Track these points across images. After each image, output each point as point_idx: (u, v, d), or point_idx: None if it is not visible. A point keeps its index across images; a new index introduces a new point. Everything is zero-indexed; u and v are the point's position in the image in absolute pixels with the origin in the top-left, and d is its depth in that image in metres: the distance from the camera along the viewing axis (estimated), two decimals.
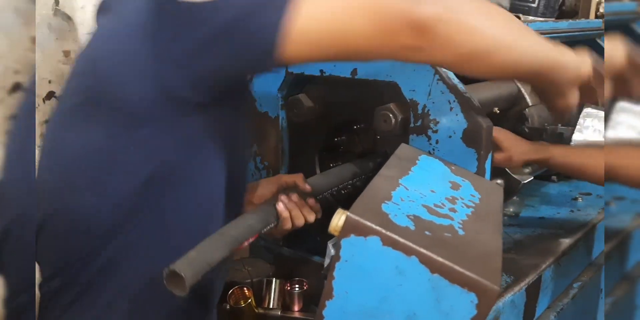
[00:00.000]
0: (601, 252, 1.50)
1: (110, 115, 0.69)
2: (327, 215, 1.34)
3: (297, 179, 1.06)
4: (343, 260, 0.63)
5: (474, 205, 0.74)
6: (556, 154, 1.24)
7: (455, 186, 0.79)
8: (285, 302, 1.28)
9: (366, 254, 0.62)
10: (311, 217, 0.98)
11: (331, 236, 1.22)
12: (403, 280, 0.61)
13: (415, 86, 1.09)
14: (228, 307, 1.20)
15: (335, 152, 1.37)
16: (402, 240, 0.60)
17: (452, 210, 0.71)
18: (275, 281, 1.27)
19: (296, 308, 1.27)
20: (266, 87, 1.35)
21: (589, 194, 1.67)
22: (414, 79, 1.08)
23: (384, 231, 0.61)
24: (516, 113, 1.50)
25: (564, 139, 1.54)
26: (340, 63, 1.19)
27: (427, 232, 0.63)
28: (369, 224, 0.61)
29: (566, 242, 1.40)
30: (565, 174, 1.33)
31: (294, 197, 0.94)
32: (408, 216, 0.65)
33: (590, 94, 0.87)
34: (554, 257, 1.31)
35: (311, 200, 1.02)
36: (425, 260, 0.60)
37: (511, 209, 1.54)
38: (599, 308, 1.50)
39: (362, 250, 0.62)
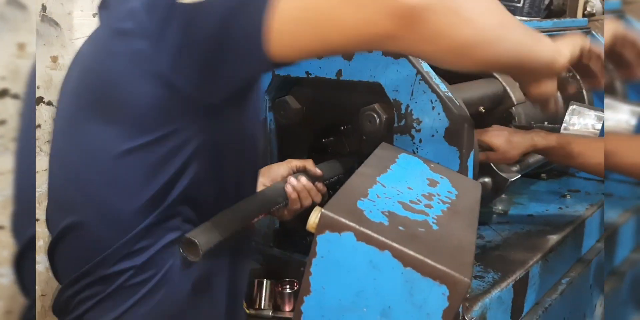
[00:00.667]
0: (590, 247, 1.51)
1: (118, 118, 0.70)
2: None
3: (308, 163, 1.10)
4: (319, 256, 0.64)
5: (450, 201, 0.76)
6: (553, 141, 1.20)
7: (432, 183, 0.80)
8: (276, 303, 1.30)
9: (341, 249, 0.63)
10: (318, 198, 1.01)
11: None
12: (377, 275, 0.63)
13: (398, 86, 1.10)
14: None
15: (323, 154, 1.38)
16: (375, 235, 0.62)
17: (428, 206, 0.72)
18: (266, 282, 1.28)
19: (287, 308, 1.29)
20: None
21: (578, 191, 1.68)
22: (397, 79, 1.09)
23: (357, 227, 0.62)
24: (502, 111, 1.52)
25: None
26: (325, 64, 1.20)
27: (400, 228, 0.65)
28: (342, 220, 0.62)
29: (554, 238, 1.41)
30: (562, 163, 1.29)
31: (303, 179, 0.97)
32: (383, 212, 0.67)
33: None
34: (541, 253, 1.32)
35: (319, 184, 1.05)
36: (397, 255, 0.61)
37: (500, 207, 1.55)
38: (587, 304, 1.51)
39: (337, 246, 0.63)
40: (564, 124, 1.44)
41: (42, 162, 0.88)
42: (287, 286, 1.29)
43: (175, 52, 0.64)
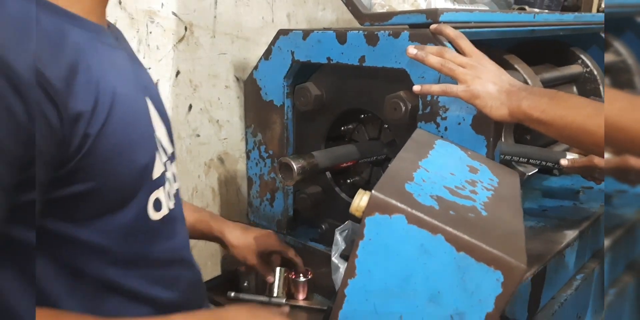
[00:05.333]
0: (604, 244, 1.50)
1: None
2: (330, 204, 1.34)
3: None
4: (367, 239, 0.62)
5: (493, 188, 0.74)
6: (540, 107, 0.88)
7: (473, 170, 0.78)
8: (289, 291, 1.28)
9: (391, 232, 0.61)
10: None
11: (337, 225, 1.22)
12: (428, 259, 0.61)
13: (424, 73, 1.08)
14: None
15: (340, 142, 1.37)
16: (427, 218, 0.60)
17: (473, 192, 0.70)
18: (280, 270, 1.27)
19: (301, 297, 1.28)
20: (272, 75, 1.34)
21: (591, 188, 1.68)
22: (423, 65, 1.07)
23: (409, 209, 0.60)
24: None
25: None
26: (348, 50, 1.18)
27: (451, 212, 0.63)
28: (394, 202, 0.60)
29: (570, 233, 1.41)
30: (548, 134, 0.93)
31: None
32: (431, 196, 0.65)
33: None
34: (558, 248, 1.32)
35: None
36: (451, 239, 0.59)
37: None
38: (600, 301, 1.50)
39: (387, 228, 0.61)
40: None
41: None
42: (301, 274, 1.27)
43: None
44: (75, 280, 0.66)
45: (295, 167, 1.13)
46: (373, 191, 0.61)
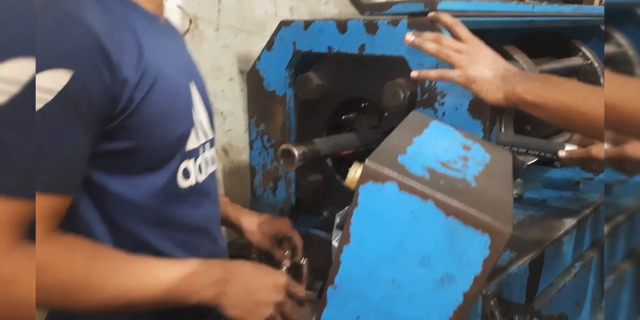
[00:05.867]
0: (604, 233, 1.52)
1: None
2: (332, 192, 1.37)
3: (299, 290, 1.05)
4: (360, 207, 0.65)
5: (484, 164, 0.77)
6: (534, 90, 0.89)
7: (466, 148, 0.81)
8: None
9: (383, 200, 0.64)
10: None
11: (337, 210, 1.25)
12: (418, 225, 0.63)
13: (422, 60, 1.11)
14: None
15: (341, 131, 1.39)
16: (418, 185, 0.62)
17: (465, 166, 0.73)
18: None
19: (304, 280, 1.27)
20: (274, 65, 1.37)
21: (592, 179, 1.69)
22: (422, 53, 1.10)
23: (400, 177, 0.63)
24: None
25: None
26: (348, 39, 1.21)
27: (442, 182, 0.66)
28: (386, 170, 0.63)
29: (569, 221, 1.43)
30: (542, 117, 0.92)
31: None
32: (423, 168, 0.67)
33: None
34: (557, 235, 1.33)
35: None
36: (440, 205, 0.62)
37: (514, 191, 1.56)
38: (599, 289, 1.52)
39: (379, 196, 0.64)
40: None
41: None
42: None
43: None
44: (114, 231, 0.76)
45: (296, 153, 1.16)
46: (367, 161, 0.64)
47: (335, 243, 1.23)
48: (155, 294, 0.72)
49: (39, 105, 0.60)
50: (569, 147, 1.33)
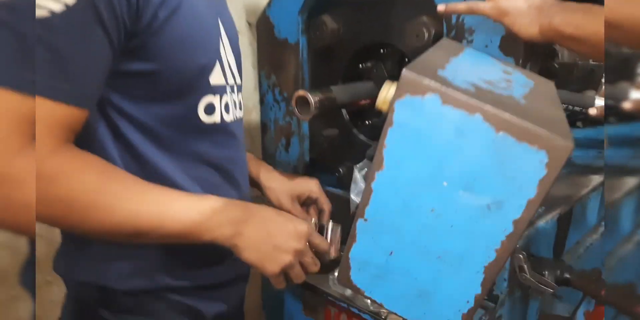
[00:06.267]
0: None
1: None
2: (348, 147, 1.29)
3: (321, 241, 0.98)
4: (396, 126, 0.57)
5: (529, 87, 0.69)
6: (573, 22, 0.80)
7: (507, 72, 0.73)
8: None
9: (423, 115, 0.56)
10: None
11: (354, 164, 1.17)
12: (463, 143, 0.56)
13: None
14: None
15: (359, 81, 1.31)
16: (464, 97, 0.55)
17: (509, 87, 0.65)
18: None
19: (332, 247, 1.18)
20: (285, 10, 1.29)
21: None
22: None
23: (444, 88, 0.55)
24: (545, 48, 1.44)
25: (596, 76, 1.48)
26: None
27: (489, 95, 0.58)
28: (427, 81, 0.55)
29: (597, 178, 1.36)
30: (580, 52, 0.86)
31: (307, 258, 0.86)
32: (466, 82, 0.59)
33: None
34: (584, 191, 1.27)
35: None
36: (490, 118, 0.54)
37: None
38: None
39: (418, 111, 0.56)
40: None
41: None
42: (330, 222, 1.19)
43: None
44: (130, 158, 0.72)
45: (312, 100, 1.08)
46: (404, 70, 0.56)
47: (353, 197, 1.16)
48: (167, 225, 0.66)
49: (60, 7, 0.56)
50: (599, 101, 1.25)
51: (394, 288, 0.64)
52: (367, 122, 1.32)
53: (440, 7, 0.95)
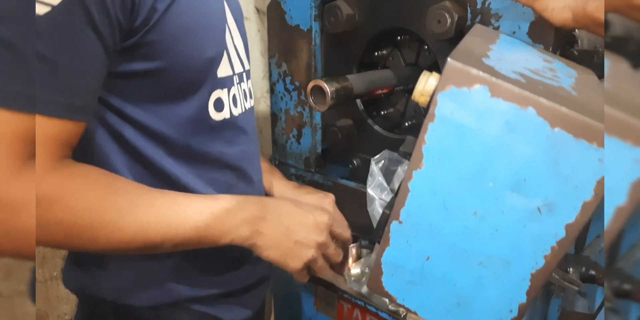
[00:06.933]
0: None
1: None
2: (363, 138, 1.24)
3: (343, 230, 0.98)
4: (438, 120, 0.52)
5: (574, 77, 0.64)
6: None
7: (547, 61, 0.68)
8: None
9: (469, 109, 0.51)
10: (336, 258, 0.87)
11: (369, 156, 1.12)
12: (514, 139, 0.51)
13: None
14: None
15: (374, 69, 1.26)
16: (516, 88, 0.49)
17: (555, 76, 0.60)
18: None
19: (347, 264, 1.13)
20: None
21: None
22: None
23: (493, 79, 0.50)
24: (565, 34, 1.38)
25: None
26: None
27: (540, 87, 0.53)
28: (474, 71, 0.50)
29: None
30: None
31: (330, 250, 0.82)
32: (514, 72, 0.54)
33: None
34: None
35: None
36: (545, 112, 0.49)
37: None
38: None
39: (465, 105, 0.51)
40: None
41: None
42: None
43: None
44: (137, 165, 0.67)
45: (328, 90, 1.03)
46: (449, 59, 0.51)
47: (370, 191, 1.11)
48: (181, 232, 0.61)
49: (43, 10, 0.49)
50: None
51: (430, 295, 0.60)
52: (382, 112, 1.27)
53: None
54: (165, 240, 0.61)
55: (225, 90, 0.73)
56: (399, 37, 1.20)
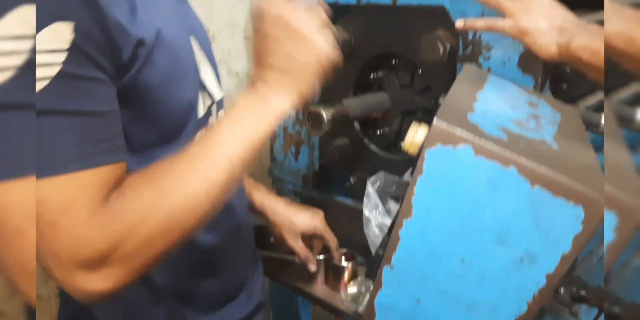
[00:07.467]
0: None
1: None
2: (359, 156, 1.27)
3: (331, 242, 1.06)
4: (426, 174, 0.55)
5: (557, 123, 0.67)
6: (592, 48, 0.77)
7: (532, 104, 0.71)
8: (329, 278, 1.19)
9: (454, 166, 0.54)
10: None
11: (366, 177, 1.15)
12: (497, 195, 0.54)
13: (465, 9, 1.00)
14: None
15: (369, 90, 1.29)
16: (498, 149, 0.53)
17: (538, 126, 0.63)
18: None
19: (342, 283, 1.15)
20: None
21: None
22: (464, 1, 0.99)
23: (476, 139, 0.53)
24: (554, 64, 1.41)
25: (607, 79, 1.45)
26: None
27: (521, 144, 0.56)
28: (459, 131, 0.53)
29: None
30: (596, 78, 0.82)
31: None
32: (498, 127, 0.58)
33: None
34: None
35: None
36: (525, 171, 0.52)
37: None
38: None
39: (450, 162, 0.54)
40: None
41: None
42: (343, 257, 1.17)
43: None
44: None
45: (325, 117, 1.05)
46: (435, 120, 0.54)
47: (366, 212, 1.14)
48: (234, 155, 0.59)
49: (53, 71, 0.49)
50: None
51: None
52: (377, 131, 1.30)
53: (459, 23, 0.92)
54: (234, 169, 0.59)
55: (204, 129, 0.74)
56: (393, 61, 1.22)
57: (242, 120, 0.61)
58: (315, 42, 0.64)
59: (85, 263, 0.50)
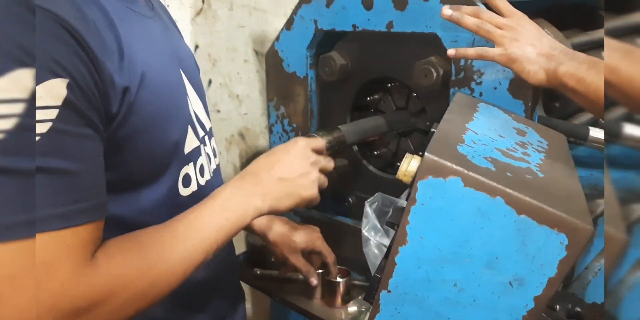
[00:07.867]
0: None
1: None
2: (357, 177, 1.31)
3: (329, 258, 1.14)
4: (419, 204, 0.59)
5: (544, 150, 0.70)
6: (577, 75, 0.80)
7: (520, 132, 0.75)
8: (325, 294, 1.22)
9: (445, 196, 0.58)
10: None
11: (365, 197, 1.19)
12: (485, 223, 0.57)
13: (457, 36, 1.04)
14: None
15: (366, 112, 1.33)
16: (485, 180, 0.56)
17: (525, 154, 0.67)
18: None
19: (338, 299, 1.19)
20: (294, 46, 1.30)
21: None
22: (456, 28, 1.03)
23: (465, 171, 0.57)
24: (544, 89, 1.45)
25: None
26: (374, 16, 1.14)
27: (508, 174, 0.60)
28: (448, 164, 0.57)
29: (603, 202, 1.37)
30: (580, 103, 0.85)
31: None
32: (485, 158, 0.61)
33: None
34: (592, 217, 1.28)
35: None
36: (511, 201, 0.56)
37: None
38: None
39: (441, 192, 0.58)
40: None
41: None
42: (339, 274, 1.20)
43: None
44: None
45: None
46: (426, 153, 0.58)
47: (365, 232, 1.18)
48: (215, 238, 0.65)
49: (45, 127, 0.49)
50: (594, 132, 1.25)
51: None
52: (375, 152, 1.34)
53: (451, 52, 0.96)
54: (210, 251, 0.64)
55: (191, 164, 0.75)
56: (389, 84, 1.26)
57: (226, 211, 0.67)
58: (309, 180, 0.76)
59: (64, 318, 0.51)
